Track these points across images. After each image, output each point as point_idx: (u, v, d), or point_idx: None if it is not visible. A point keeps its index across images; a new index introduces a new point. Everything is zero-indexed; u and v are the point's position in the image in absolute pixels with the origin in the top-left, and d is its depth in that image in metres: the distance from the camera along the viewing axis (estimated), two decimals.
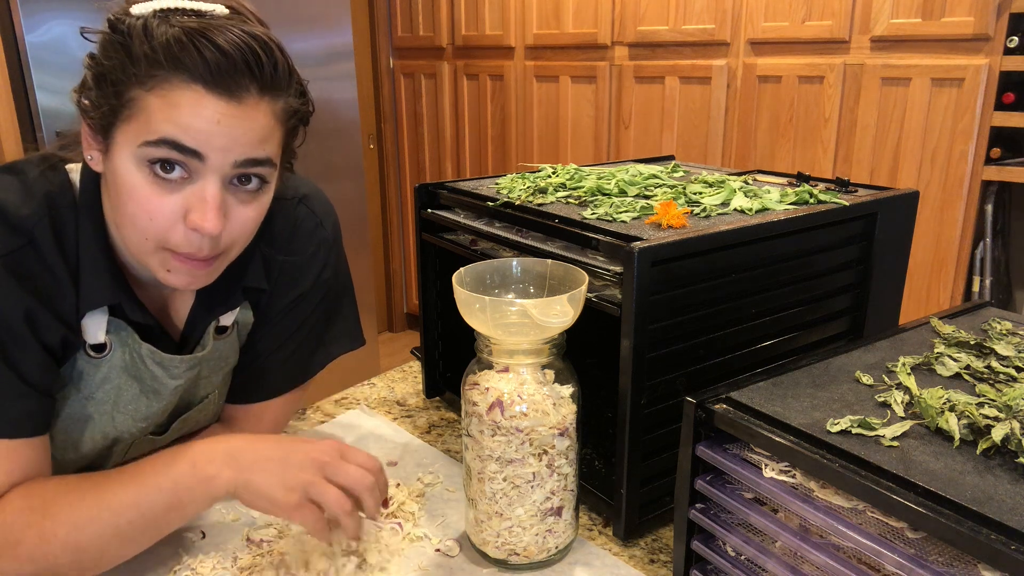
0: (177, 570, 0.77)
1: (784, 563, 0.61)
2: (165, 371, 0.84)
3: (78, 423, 0.82)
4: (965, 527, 0.48)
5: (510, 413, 0.73)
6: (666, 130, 2.57)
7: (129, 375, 0.82)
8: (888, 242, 0.96)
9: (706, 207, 0.89)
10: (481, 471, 0.76)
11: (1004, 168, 1.97)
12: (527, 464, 0.74)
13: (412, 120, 3.50)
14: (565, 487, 0.77)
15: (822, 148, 2.24)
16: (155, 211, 0.70)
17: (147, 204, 0.70)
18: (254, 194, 0.75)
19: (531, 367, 0.75)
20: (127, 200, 0.71)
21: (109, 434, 0.83)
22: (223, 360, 0.91)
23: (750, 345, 0.87)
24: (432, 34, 3.27)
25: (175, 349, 0.86)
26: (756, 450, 0.63)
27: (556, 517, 0.77)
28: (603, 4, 2.62)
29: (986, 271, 2.06)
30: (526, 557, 0.78)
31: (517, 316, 0.71)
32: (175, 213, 0.70)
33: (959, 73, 1.96)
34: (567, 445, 0.76)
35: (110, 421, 0.83)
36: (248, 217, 0.75)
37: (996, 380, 0.68)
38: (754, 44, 2.33)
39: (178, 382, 0.85)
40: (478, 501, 0.78)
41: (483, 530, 0.78)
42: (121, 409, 0.83)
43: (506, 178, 1.05)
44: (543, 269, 0.80)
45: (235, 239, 0.76)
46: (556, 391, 0.75)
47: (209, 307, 0.86)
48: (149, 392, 0.84)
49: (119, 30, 0.69)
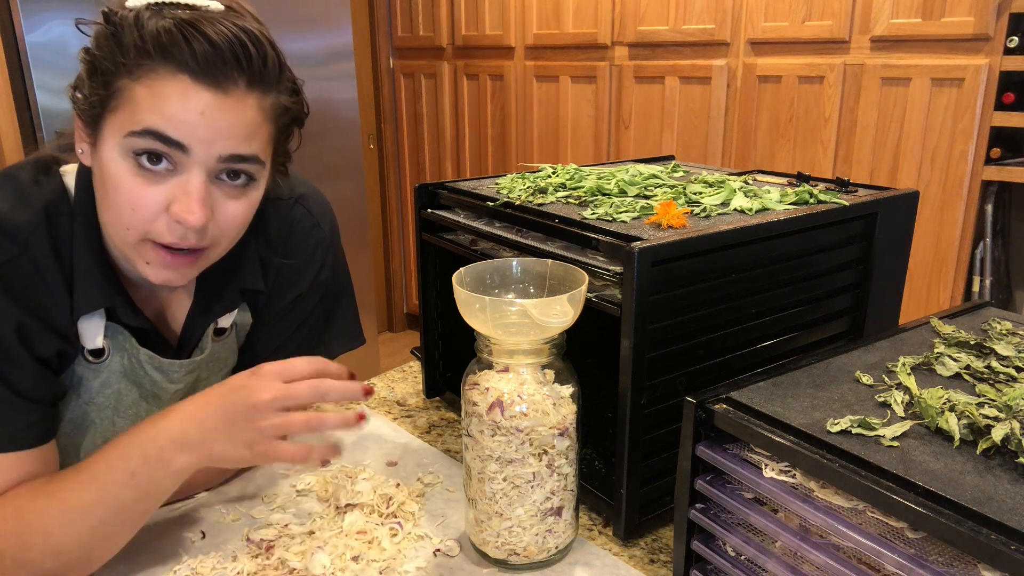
0: (177, 570, 0.77)
1: (784, 563, 0.61)
2: (164, 376, 0.83)
3: (79, 428, 0.81)
4: (965, 527, 0.48)
5: (510, 413, 0.73)
6: (666, 130, 2.57)
7: (128, 380, 0.82)
8: (888, 242, 0.96)
9: (706, 207, 0.89)
10: (481, 471, 0.76)
11: (1004, 168, 1.97)
12: (527, 464, 0.74)
13: (412, 120, 3.50)
14: (565, 487, 0.77)
15: (822, 148, 2.25)
16: (138, 202, 0.70)
17: (130, 195, 0.69)
18: (241, 190, 0.74)
19: (531, 367, 0.75)
20: (111, 191, 0.70)
21: (110, 439, 0.83)
22: (222, 363, 0.91)
23: (750, 345, 0.87)
24: (432, 34, 3.27)
25: (173, 353, 0.85)
26: (756, 450, 0.63)
27: (556, 517, 0.77)
28: (603, 4, 2.62)
29: (986, 271, 2.06)
30: (526, 557, 0.78)
31: (517, 316, 0.71)
32: (159, 204, 0.70)
33: (959, 73, 1.96)
34: (567, 445, 0.76)
35: (111, 426, 0.83)
36: (235, 213, 0.74)
37: (996, 380, 0.68)
38: (754, 44, 2.33)
39: (177, 386, 0.85)
40: (478, 501, 0.78)
41: (483, 530, 0.78)
42: (121, 414, 0.83)
43: (506, 178, 1.05)
44: (543, 269, 0.80)
45: (221, 234, 0.75)
46: (556, 391, 0.75)
47: (206, 309, 0.86)
48: (149, 396, 0.84)
49: (112, 21, 0.69)
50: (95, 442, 0.83)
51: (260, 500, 0.89)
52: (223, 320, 0.88)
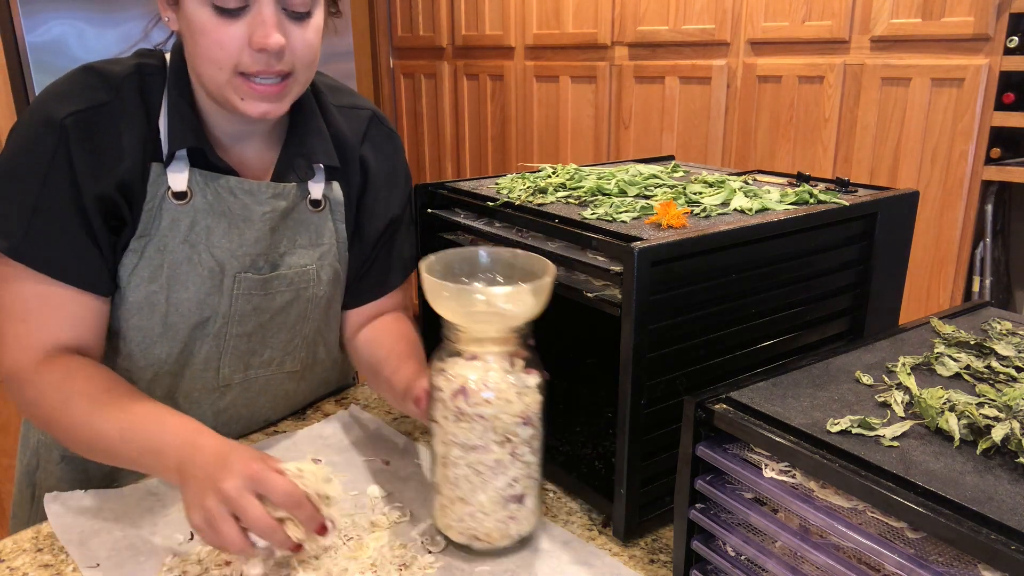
0: (169, 564, 0.77)
1: (784, 563, 0.61)
2: (253, 198, 0.93)
3: (182, 266, 0.91)
4: (965, 527, 0.48)
5: (474, 400, 0.74)
6: (666, 130, 2.57)
7: (216, 214, 0.92)
8: (888, 242, 0.96)
9: (706, 207, 0.88)
10: (445, 456, 0.77)
11: (1004, 168, 1.97)
12: (490, 451, 0.75)
13: (412, 120, 3.50)
14: (528, 475, 0.78)
15: (822, 148, 2.25)
16: (223, 39, 0.82)
17: (216, 34, 0.82)
18: (305, 17, 0.85)
19: (497, 355, 0.76)
20: (200, 38, 0.83)
21: (213, 268, 0.92)
22: (316, 232, 0.99)
23: (750, 345, 0.87)
24: (432, 34, 3.27)
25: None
26: (756, 450, 0.63)
27: (519, 504, 0.78)
28: (603, 4, 2.62)
29: (986, 271, 2.06)
30: (488, 543, 0.78)
31: (484, 305, 0.72)
32: (241, 38, 0.82)
33: (959, 73, 1.96)
34: (530, 434, 0.77)
35: (210, 257, 0.92)
36: (305, 38, 0.86)
37: (996, 380, 0.68)
38: (754, 44, 2.33)
39: (264, 208, 0.94)
40: (442, 486, 0.79)
41: (446, 515, 0.79)
42: (215, 244, 0.92)
43: (506, 178, 1.05)
44: (512, 259, 0.81)
45: (297, 60, 0.86)
46: (523, 380, 0.76)
47: (285, 174, 0.97)
48: (240, 222, 0.93)
49: None
50: (201, 275, 0.92)
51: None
52: (314, 191, 0.99)
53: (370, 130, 1.06)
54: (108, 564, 0.78)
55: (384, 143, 1.08)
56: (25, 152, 0.85)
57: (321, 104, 1.01)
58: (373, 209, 1.05)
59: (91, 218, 0.86)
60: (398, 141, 1.11)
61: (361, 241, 1.06)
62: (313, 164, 0.98)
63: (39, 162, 0.84)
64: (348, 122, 1.04)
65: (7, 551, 0.82)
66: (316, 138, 0.98)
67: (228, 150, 0.95)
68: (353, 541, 0.81)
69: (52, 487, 0.97)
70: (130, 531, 0.83)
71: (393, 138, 1.09)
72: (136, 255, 0.89)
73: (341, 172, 1.02)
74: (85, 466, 1.01)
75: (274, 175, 0.97)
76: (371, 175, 1.05)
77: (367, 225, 1.06)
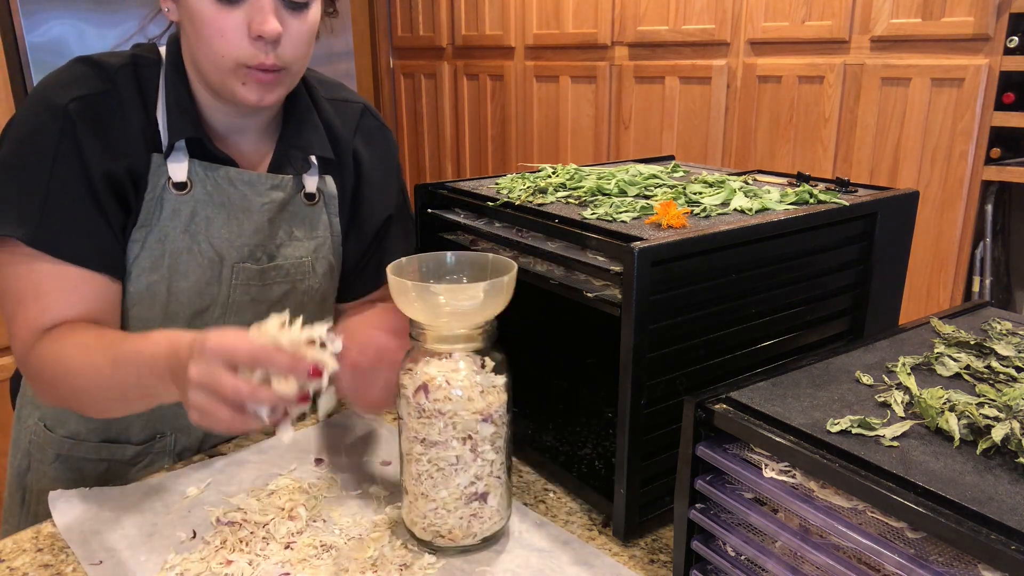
0: (172, 561, 0.77)
1: (784, 563, 0.61)
2: (252, 188, 0.95)
3: (183, 255, 0.92)
4: (965, 527, 0.48)
5: (434, 396, 0.75)
6: (666, 130, 2.57)
7: (215, 204, 0.93)
8: (888, 242, 0.96)
9: (706, 207, 0.88)
10: (409, 452, 0.78)
11: (1004, 168, 1.97)
12: (450, 447, 0.76)
13: (412, 120, 3.50)
14: (491, 473, 0.78)
15: (822, 148, 2.25)
16: (224, 27, 0.84)
17: (215, 23, 0.84)
18: (302, 9, 0.87)
19: (463, 353, 0.77)
20: (200, 26, 0.84)
21: (213, 258, 0.94)
22: (311, 225, 1.00)
23: (750, 345, 0.87)
24: (432, 34, 3.27)
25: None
26: (756, 450, 0.63)
27: (481, 503, 0.78)
28: (603, 4, 2.62)
29: (986, 271, 2.06)
30: (451, 540, 0.79)
31: (445, 303, 0.73)
32: (240, 27, 0.84)
33: (959, 73, 1.96)
34: (492, 432, 0.77)
35: (209, 247, 0.94)
36: (300, 30, 0.87)
37: (996, 380, 0.68)
38: (754, 44, 2.33)
39: (263, 199, 0.95)
40: (407, 482, 0.80)
41: (411, 511, 0.80)
42: (215, 234, 0.93)
43: (506, 178, 1.05)
44: (484, 261, 0.81)
45: (293, 52, 0.88)
46: (489, 379, 0.77)
47: (282, 166, 0.98)
48: (239, 212, 0.94)
49: None
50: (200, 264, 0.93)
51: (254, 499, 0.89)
52: (309, 184, 1.00)
53: (362, 123, 1.07)
54: (111, 561, 0.78)
55: (376, 135, 1.09)
56: (30, 140, 0.85)
57: (313, 98, 1.02)
58: (371, 203, 1.06)
59: (102, 198, 0.87)
60: (389, 133, 1.12)
61: (358, 235, 1.07)
62: (308, 157, 0.99)
63: (46, 148, 0.85)
64: (340, 115, 1.05)
65: (7, 551, 0.82)
66: (311, 131, 0.99)
67: (225, 142, 0.97)
68: (354, 541, 0.81)
69: (45, 488, 0.97)
70: (133, 529, 0.83)
71: (384, 130, 1.11)
72: (138, 245, 0.90)
73: (335, 166, 1.03)
74: (80, 465, 1.01)
75: (271, 167, 0.97)
76: (364, 169, 1.06)
77: (366, 220, 1.06)
